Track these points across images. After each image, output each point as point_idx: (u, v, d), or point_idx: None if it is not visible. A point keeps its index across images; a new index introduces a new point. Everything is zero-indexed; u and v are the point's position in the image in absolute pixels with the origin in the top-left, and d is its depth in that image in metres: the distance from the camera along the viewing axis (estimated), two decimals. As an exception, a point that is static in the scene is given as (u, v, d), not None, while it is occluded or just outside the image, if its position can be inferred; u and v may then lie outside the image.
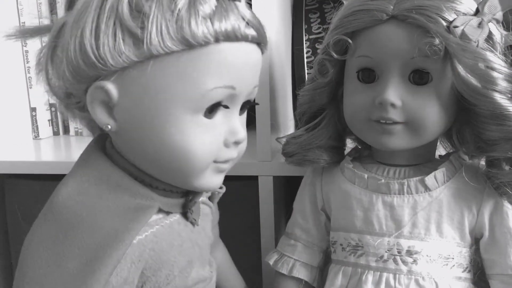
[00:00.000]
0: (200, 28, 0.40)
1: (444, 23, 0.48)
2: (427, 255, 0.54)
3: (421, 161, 0.57)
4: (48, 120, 1.04)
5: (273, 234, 0.75)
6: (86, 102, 0.44)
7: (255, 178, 0.73)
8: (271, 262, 0.65)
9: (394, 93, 0.51)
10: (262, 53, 0.48)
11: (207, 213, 0.55)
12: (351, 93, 0.55)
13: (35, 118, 1.01)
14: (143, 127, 0.43)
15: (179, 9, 0.40)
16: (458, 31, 0.48)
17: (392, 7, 0.50)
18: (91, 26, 0.41)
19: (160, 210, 0.46)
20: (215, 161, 0.46)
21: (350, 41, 0.53)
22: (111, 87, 0.42)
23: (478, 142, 0.53)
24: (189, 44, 0.40)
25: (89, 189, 0.44)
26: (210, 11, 0.41)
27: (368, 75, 0.53)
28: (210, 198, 0.57)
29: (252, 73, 0.46)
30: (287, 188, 0.86)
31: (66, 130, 1.06)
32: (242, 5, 0.43)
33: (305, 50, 0.87)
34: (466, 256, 0.55)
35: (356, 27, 0.52)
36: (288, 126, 0.85)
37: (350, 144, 0.65)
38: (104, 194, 0.44)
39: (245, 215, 0.77)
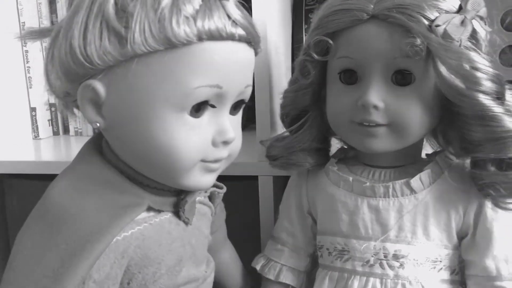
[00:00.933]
0: (182, 28, 0.40)
1: (426, 22, 0.46)
2: (414, 259, 0.53)
3: (407, 162, 0.56)
4: (48, 120, 1.05)
5: (273, 234, 0.74)
6: (77, 101, 0.44)
7: (255, 178, 0.73)
8: (258, 267, 0.64)
9: (377, 95, 0.49)
10: (256, 52, 0.47)
11: (204, 213, 0.55)
12: (333, 94, 0.54)
13: (35, 118, 1.02)
14: (129, 125, 0.44)
15: (162, 8, 0.40)
16: (440, 30, 0.46)
17: (372, 6, 0.48)
18: (79, 26, 0.42)
19: (151, 208, 0.46)
20: (203, 160, 0.45)
21: (330, 41, 0.51)
22: (99, 86, 0.43)
23: (463, 143, 0.52)
24: (172, 44, 0.40)
25: (79, 186, 0.44)
26: (193, 11, 0.40)
27: (350, 76, 0.52)
28: (210, 199, 0.56)
29: (241, 72, 0.45)
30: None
31: (66, 130, 1.07)
32: (230, 4, 0.43)
33: (305, 50, 0.86)
34: (454, 259, 0.54)
35: (336, 27, 0.51)
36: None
37: (337, 144, 0.63)
38: (93, 191, 0.44)
39: (245, 215, 0.77)
